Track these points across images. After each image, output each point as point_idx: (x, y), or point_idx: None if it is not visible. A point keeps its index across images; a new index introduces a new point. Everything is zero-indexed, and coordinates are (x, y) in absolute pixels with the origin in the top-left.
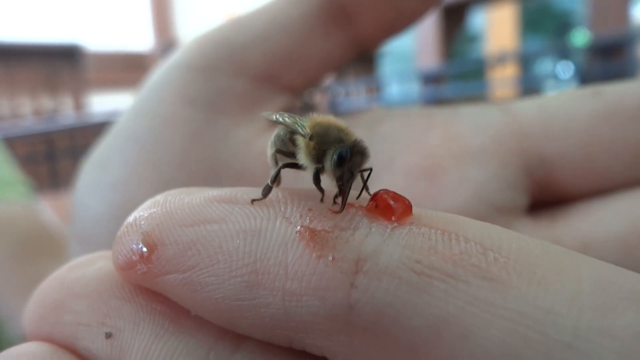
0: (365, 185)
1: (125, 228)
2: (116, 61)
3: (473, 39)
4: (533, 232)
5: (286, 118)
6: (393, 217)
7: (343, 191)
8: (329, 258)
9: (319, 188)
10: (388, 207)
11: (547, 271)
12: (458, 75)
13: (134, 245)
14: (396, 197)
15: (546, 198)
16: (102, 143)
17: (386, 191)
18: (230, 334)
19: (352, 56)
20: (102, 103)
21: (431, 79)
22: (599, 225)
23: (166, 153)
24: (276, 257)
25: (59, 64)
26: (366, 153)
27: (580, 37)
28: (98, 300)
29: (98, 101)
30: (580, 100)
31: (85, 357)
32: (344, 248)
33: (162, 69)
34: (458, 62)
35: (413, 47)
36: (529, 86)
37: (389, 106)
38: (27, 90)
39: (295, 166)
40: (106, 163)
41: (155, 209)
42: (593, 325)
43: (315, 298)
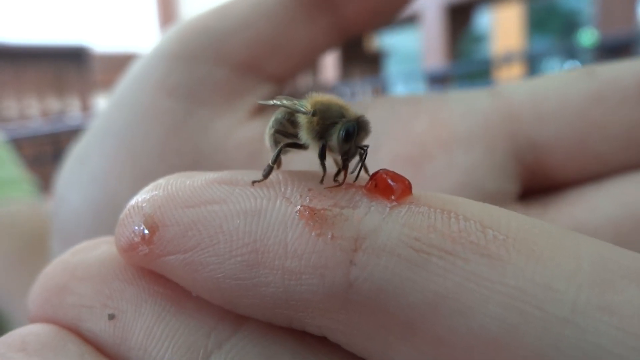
0: (363, 164)
1: (127, 210)
2: (123, 62)
3: (479, 39)
4: None
5: (284, 101)
6: (392, 197)
7: (346, 166)
8: (328, 236)
9: (323, 165)
10: (387, 187)
11: (546, 249)
12: (464, 75)
13: (136, 227)
14: (396, 177)
15: (538, 185)
16: (83, 137)
17: (386, 171)
18: (231, 315)
19: (337, 43)
20: None
21: (437, 79)
22: (592, 211)
23: (145, 145)
24: (276, 236)
25: (66, 66)
26: (368, 128)
27: (587, 37)
28: (101, 282)
29: (105, 102)
30: (573, 81)
31: (88, 339)
32: (343, 226)
33: (142, 59)
34: (464, 63)
35: (419, 48)
36: None
37: None
38: (35, 91)
39: (296, 146)
40: (86, 157)
41: (156, 192)
42: (591, 301)
43: (314, 276)
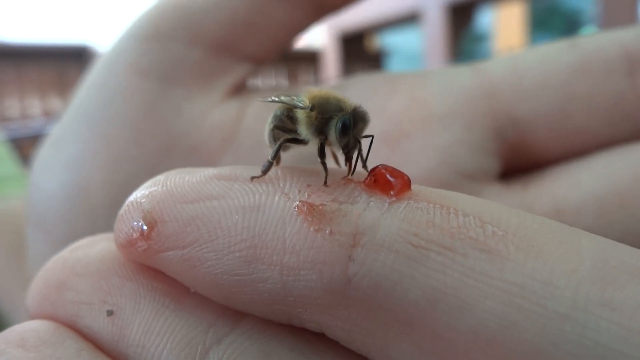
0: (360, 156)
1: (126, 206)
2: None
3: (481, 38)
4: (504, 199)
5: (282, 97)
6: (391, 192)
7: (350, 157)
8: (327, 231)
9: (324, 163)
10: (386, 182)
11: (546, 245)
12: None
13: (135, 222)
14: (395, 173)
15: (520, 163)
16: (58, 122)
17: (385, 166)
18: (229, 311)
19: (314, 20)
20: None
21: None
22: (574, 187)
23: (118, 127)
24: (274, 232)
25: (68, 65)
26: (367, 118)
27: None
28: (100, 279)
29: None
30: (555, 53)
31: (86, 335)
32: (342, 222)
33: (115, 40)
34: (466, 62)
35: (420, 47)
36: None
37: None
38: (37, 91)
39: (296, 142)
40: (59, 142)
41: (155, 187)
42: (592, 297)
43: (312, 272)
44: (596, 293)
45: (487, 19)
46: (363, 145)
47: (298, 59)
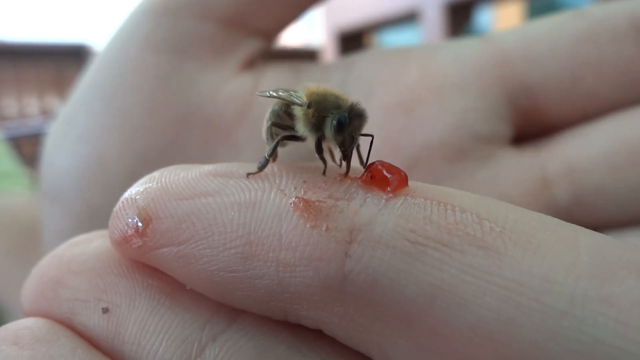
0: (364, 155)
1: (121, 203)
2: None
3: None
4: (517, 161)
5: (280, 92)
6: (388, 188)
7: (347, 155)
8: (323, 228)
9: (322, 158)
10: (383, 179)
11: (544, 240)
12: None
13: (130, 219)
14: (391, 169)
15: (532, 128)
16: (70, 99)
17: (381, 162)
18: (225, 308)
19: None
20: None
21: None
22: (585, 147)
23: (133, 100)
24: (270, 228)
25: (67, 64)
26: (364, 115)
27: None
28: (95, 276)
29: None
30: (563, 22)
31: (82, 333)
32: (338, 218)
33: (127, 16)
34: None
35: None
36: None
37: None
38: (35, 90)
39: (294, 138)
40: (72, 118)
41: (150, 184)
42: (590, 292)
43: (309, 268)
44: (594, 289)
45: (486, 18)
46: (362, 146)
47: (297, 58)
